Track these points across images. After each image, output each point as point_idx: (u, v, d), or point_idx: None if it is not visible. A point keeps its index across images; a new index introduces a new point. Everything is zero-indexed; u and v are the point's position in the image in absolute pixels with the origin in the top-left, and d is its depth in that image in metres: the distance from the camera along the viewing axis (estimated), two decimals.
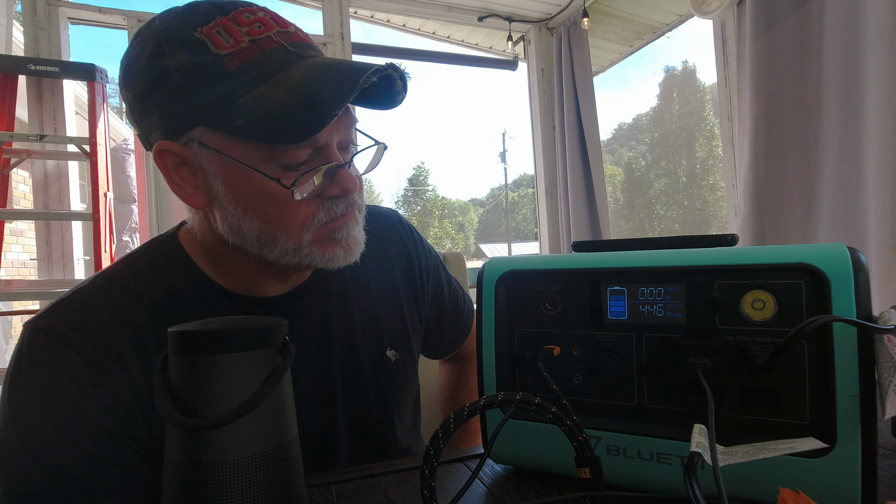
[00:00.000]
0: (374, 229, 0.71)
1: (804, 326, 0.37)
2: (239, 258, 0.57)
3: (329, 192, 0.53)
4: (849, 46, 1.53)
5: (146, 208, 2.22)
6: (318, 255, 0.55)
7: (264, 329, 0.39)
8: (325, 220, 0.54)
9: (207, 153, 0.50)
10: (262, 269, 0.58)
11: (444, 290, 0.80)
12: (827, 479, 0.39)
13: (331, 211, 0.54)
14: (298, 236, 0.53)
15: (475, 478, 0.41)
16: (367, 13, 2.81)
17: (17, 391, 0.50)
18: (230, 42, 0.48)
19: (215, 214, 0.54)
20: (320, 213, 0.53)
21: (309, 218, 0.53)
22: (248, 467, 0.37)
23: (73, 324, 0.52)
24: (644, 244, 0.50)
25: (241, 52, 0.48)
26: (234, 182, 0.51)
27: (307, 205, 0.53)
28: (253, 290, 0.60)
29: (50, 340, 0.51)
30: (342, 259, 0.56)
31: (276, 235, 0.53)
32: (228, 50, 0.48)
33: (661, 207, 24.54)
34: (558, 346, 0.50)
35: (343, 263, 0.56)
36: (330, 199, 0.54)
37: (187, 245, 0.60)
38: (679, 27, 2.74)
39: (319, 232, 0.54)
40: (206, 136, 0.50)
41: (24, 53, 2.09)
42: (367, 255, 0.67)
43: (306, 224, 0.53)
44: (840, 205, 1.57)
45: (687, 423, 0.42)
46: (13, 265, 4.23)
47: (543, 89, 2.96)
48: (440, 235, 32.00)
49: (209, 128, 0.49)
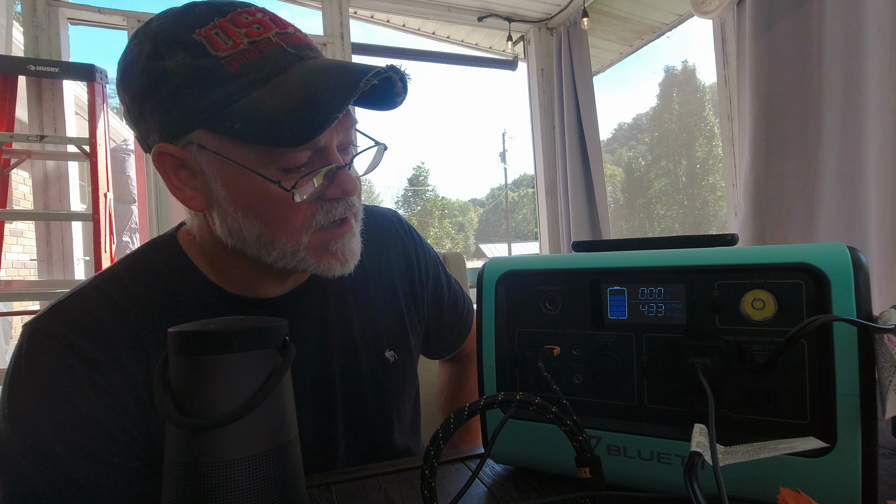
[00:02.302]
0: (373, 230, 0.71)
1: (804, 326, 0.37)
2: (238, 260, 0.57)
3: (329, 195, 0.53)
4: (849, 46, 1.53)
5: (146, 209, 2.22)
6: (313, 262, 0.55)
7: (264, 329, 0.39)
8: (322, 222, 0.54)
9: (207, 156, 0.50)
10: (261, 270, 0.58)
11: (443, 290, 0.80)
12: (827, 479, 0.39)
13: (329, 213, 0.54)
14: (297, 239, 0.53)
15: (475, 478, 0.41)
16: (367, 13, 2.81)
17: (16, 392, 0.50)
18: (229, 44, 0.48)
19: (214, 217, 0.54)
20: (319, 215, 0.53)
21: (308, 220, 0.53)
22: (248, 467, 0.37)
23: (72, 325, 0.52)
24: (644, 244, 0.50)
25: (239, 54, 0.48)
26: (234, 185, 0.51)
27: (306, 207, 0.52)
28: (252, 291, 0.60)
29: (49, 342, 0.51)
30: (338, 270, 0.56)
31: (275, 238, 0.53)
32: (227, 52, 0.48)
33: (661, 207, 24.54)
34: (558, 346, 0.50)
35: (339, 273, 0.56)
36: (329, 200, 0.54)
37: (186, 246, 0.60)
38: (679, 27, 2.74)
39: (315, 237, 0.54)
40: (205, 139, 0.49)
41: (23, 54, 2.10)
42: (365, 256, 0.67)
43: (305, 226, 0.53)
44: (840, 204, 1.57)
45: (687, 422, 0.42)
46: (13, 266, 4.23)
47: (543, 89, 2.96)
48: (440, 235, 32.00)
49: (208, 131, 0.49)
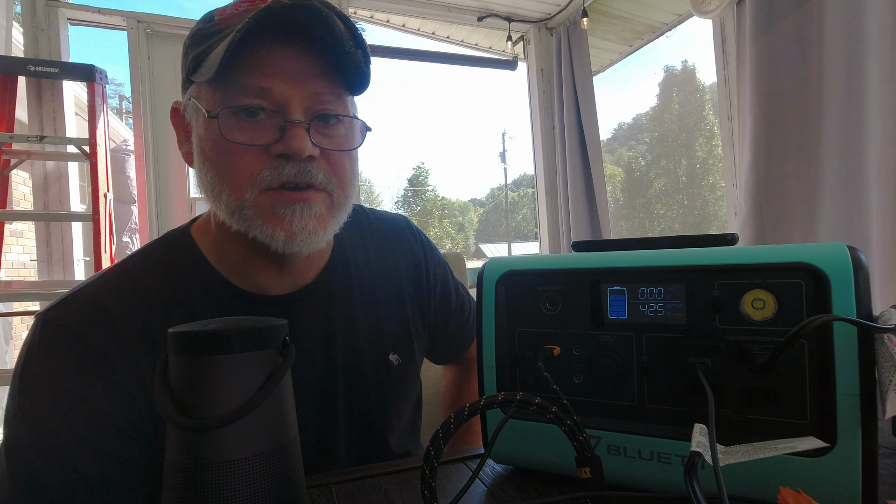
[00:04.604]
0: (382, 234, 0.73)
1: (804, 326, 0.37)
2: (227, 236, 0.57)
3: (275, 150, 0.52)
4: (849, 45, 1.53)
5: (146, 209, 2.22)
6: (258, 224, 0.52)
7: (264, 329, 0.39)
8: (270, 180, 0.52)
9: (192, 106, 0.56)
10: (245, 247, 0.57)
11: (451, 296, 0.80)
12: (827, 479, 0.39)
13: (277, 171, 0.52)
14: (241, 192, 0.52)
15: (475, 478, 0.41)
16: (367, 13, 2.81)
17: (27, 384, 0.50)
18: (228, 12, 0.55)
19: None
20: (266, 171, 0.52)
21: (253, 174, 0.52)
22: (249, 468, 0.37)
23: (83, 318, 0.52)
24: (644, 244, 0.50)
25: (229, 16, 0.54)
26: (200, 133, 0.55)
27: (252, 159, 0.52)
28: (258, 286, 0.60)
29: (60, 333, 0.51)
30: (282, 242, 0.52)
31: (222, 189, 0.53)
32: (222, 16, 0.55)
33: (661, 207, 24.54)
34: (558, 346, 0.50)
35: (284, 249, 0.53)
36: (278, 157, 0.52)
37: (199, 239, 0.61)
38: (678, 27, 2.74)
39: (265, 197, 0.52)
40: (193, 91, 0.55)
41: (23, 54, 2.10)
42: (373, 260, 0.70)
43: (250, 180, 0.52)
44: (841, 204, 1.56)
45: (687, 422, 0.42)
46: (13, 266, 4.22)
47: (543, 89, 2.96)
48: (440, 235, 32.01)
49: (195, 83, 0.55)
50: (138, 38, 2.21)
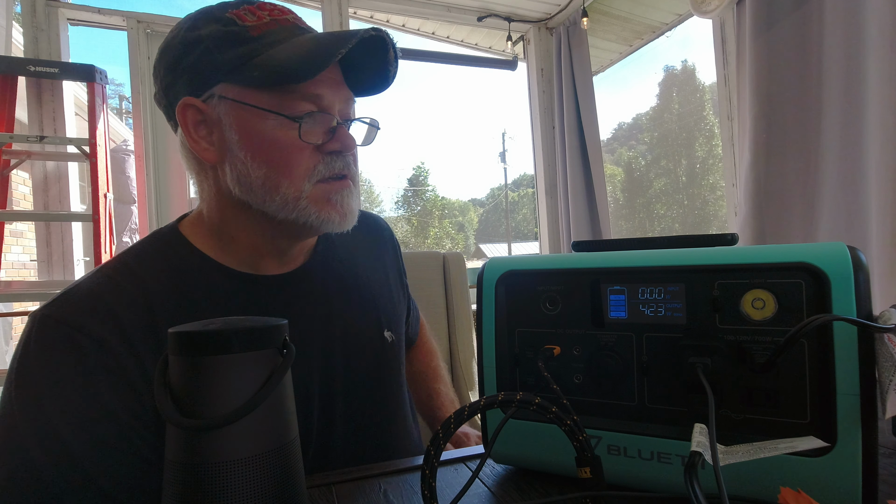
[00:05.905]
0: (368, 226, 0.80)
1: (804, 326, 0.37)
2: (241, 221, 0.60)
3: (329, 147, 0.59)
4: (849, 45, 1.53)
5: (146, 209, 2.22)
6: (314, 212, 0.58)
7: (264, 329, 0.39)
8: (324, 173, 0.58)
9: (225, 105, 0.57)
10: (264, 234, 0.61)
11: (405, 278, 0.87)
12: (828, 479, 0.39)
13: (330, 165, 0.59)
14: (300, 185, 0.57)
15: (475, 478, 0.41)
16: (367, 13, 2.81)
17: (24, 375, 0.50)
18: (254, 19, 0.57)
19: (225, 169, 0.58)
20: (320, 166, 0.58)
21: (310, 169, 0.58)
22: (249, 468, 0.37)
23: (81, 309, 0.53)
24: (644, 244, 0.50)
25: (262, 24, 0.57)
26: (247, 130, 0.57)
27: (309, 156, 0.58)
28: (256, 268, 0.62)
29: (58, 326, 0.51)
30: (337, 223, 0.60)
31: (279, 182, 0.57)
32: (253, 24, 0.57)
33: (661, 207, 24.54)
34: (558, 346, 0.50)
35: (338, 228, 0.60)
36: (329, 154, 0.59)
37: (190, 234, 0.63)
38: (678, 27, 2.74)
39: (317, 188, 0.58)
40: (226, 90, 0.57)
41: (23, 54, 2.09)
42: (361, 246, 0.76)
43: (307, 174, 0.58)
44: (841, 204, 1.56)
45: (687, 422, 0.42)
46: (13, 266, 4.23)
47: (543, 89, 2.96)
48: (440, 235, 31.95)
49: (230, 83, 0.56)
50: (138, 38, 2.21)
